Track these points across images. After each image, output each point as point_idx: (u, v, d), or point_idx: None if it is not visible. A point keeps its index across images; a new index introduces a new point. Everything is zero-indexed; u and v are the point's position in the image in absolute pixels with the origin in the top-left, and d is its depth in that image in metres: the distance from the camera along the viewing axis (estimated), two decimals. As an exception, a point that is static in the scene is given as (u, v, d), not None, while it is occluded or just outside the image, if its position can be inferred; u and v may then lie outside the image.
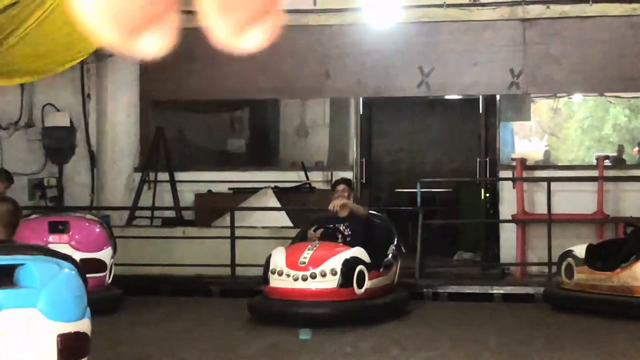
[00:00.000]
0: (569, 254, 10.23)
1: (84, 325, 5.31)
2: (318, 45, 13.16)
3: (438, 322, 9.49)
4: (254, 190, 12.97)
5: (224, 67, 13.33)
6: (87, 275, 5.66)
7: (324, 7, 13.03)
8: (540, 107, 25.64)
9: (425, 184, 13.23)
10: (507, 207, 12.71)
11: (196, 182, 13.43)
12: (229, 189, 13.32)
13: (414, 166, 16.94)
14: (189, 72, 13.40)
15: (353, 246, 9.40)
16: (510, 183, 12.69)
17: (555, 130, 30.05)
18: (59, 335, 5.11)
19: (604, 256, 9.95)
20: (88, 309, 5.39)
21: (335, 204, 9.73)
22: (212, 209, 13.08)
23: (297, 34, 13.07)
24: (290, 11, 13.03)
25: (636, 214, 12.03)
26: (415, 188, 12.61)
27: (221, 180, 13.38)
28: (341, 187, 10.01)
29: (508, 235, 12.58)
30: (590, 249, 10.09)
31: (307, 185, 13.28)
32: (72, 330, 5.19)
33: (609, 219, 12.13)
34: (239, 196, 12.97)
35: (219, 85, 13.48)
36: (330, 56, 13.18)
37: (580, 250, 10.11)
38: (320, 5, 13.04)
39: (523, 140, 24.58)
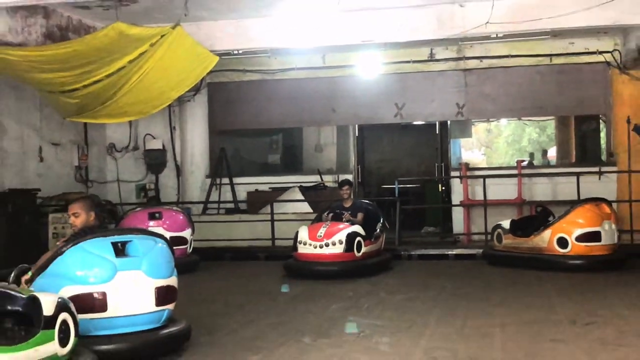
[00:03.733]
0: (498, 226, 10.19)
1: (172, 281, 5.35)
2: (327, 90, 13.15)
3: (411, 274, 9.48)
4: (286, 189, 12.97)
5: (264, 106, 13.36)
6: (174, 247, 5.69)
7: (330, 65, 13.03)
8: (479, 128, 25.60)
9: (401, 182, 13.19)
10: (457, 196, 12.67)
11: (248, 183, 13.43)
12: (270, 188, 13.34)
13: (393, 170, 16.89)
14: (242, 110, 13.44)
15: (353, 225, 9.41)
16: (458, 180, 12.65)
17: (489, 144, 29.95)
18: (156, 288, 5.16)
19: (523, 227, 9.90)
20: (175, 270, 5.43)
21: (346, 217, 9.64)
22: (258, 201, 13.07)
23: (312, 83, 13.12)
24: (306, 68, 13.08)
25: (543, 198, 11.99)
26: (394, 185, 12.61)
27: (264, 182, 13.40)
28: (345, 187, 9.96)
29: (458, 215, 12.55)
30: (513, 223, 10.06)
31: (322, 185, 13.28)
32: (165, 284, 5.24)
33: (525, 202, 12.07)
34: (276, 192, 12.96)
35: (261, 119, 13.50)
36: (335, 97, 13.17)
37: (506, 224, 10.07)
38: (328, 63, 13.05)
39: (467, 151, 24.58)
